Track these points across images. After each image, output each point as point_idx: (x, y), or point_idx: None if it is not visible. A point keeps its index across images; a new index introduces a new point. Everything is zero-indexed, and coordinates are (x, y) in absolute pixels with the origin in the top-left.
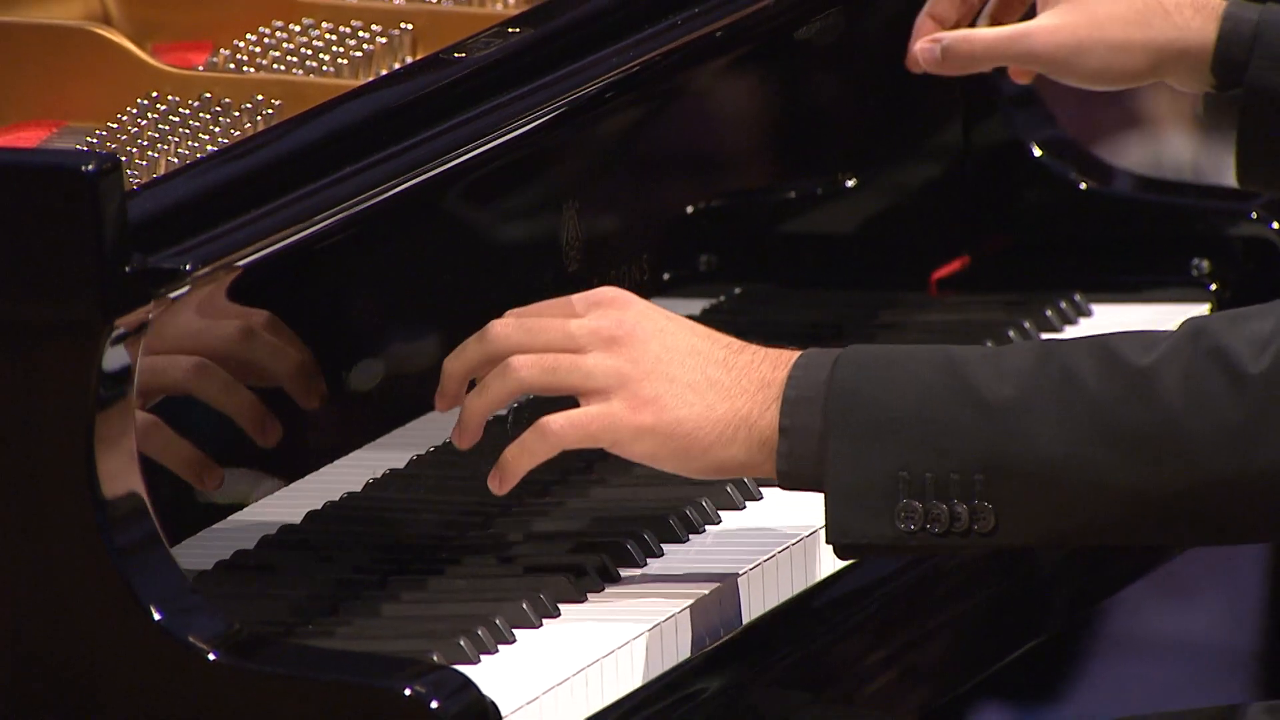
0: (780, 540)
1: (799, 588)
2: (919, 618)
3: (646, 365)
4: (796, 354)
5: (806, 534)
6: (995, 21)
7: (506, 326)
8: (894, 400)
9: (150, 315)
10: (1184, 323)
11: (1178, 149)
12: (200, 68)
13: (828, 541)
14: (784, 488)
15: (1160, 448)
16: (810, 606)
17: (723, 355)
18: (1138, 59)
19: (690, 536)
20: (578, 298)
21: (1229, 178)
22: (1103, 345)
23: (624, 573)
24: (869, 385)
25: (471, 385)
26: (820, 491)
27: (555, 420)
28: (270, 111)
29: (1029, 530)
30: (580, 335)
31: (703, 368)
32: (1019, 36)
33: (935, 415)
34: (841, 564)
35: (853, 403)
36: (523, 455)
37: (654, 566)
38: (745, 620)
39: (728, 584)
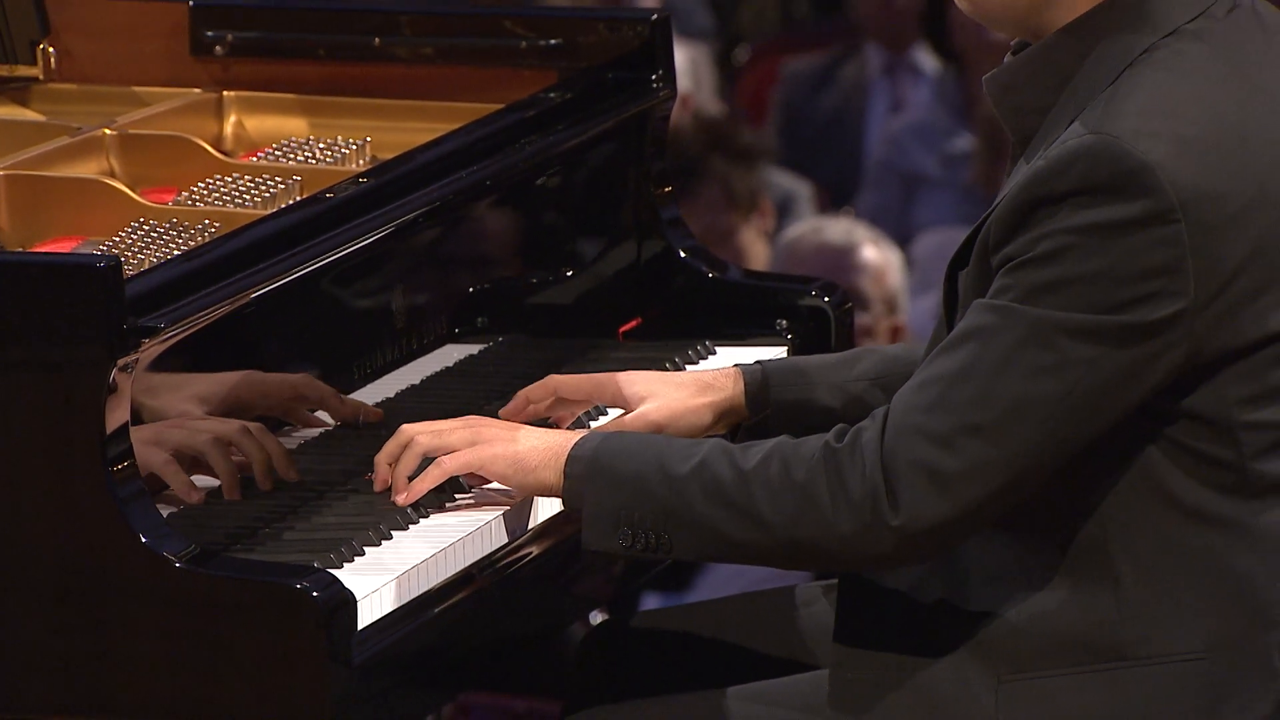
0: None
1: (546, 515)
2: None
3: (496, 429)
4: (584, 431)
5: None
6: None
7: (410, 426)
8: (626, 470)
9: (139, 356)
10: (775, 444)
11: (762, 255)
12: (170, 203)
13: (582, 547)
14: (566, 509)
15: (747, 521)
16: (555, 533)
17: (541, 429)
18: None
19: (474, 488)
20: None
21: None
22: (739, 467)
23: (431, 512)
24: (616, 459)
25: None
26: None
27: (446, 458)
28: (213, 231)
29: (694, 555)
30: (457, 424)
31: (529, 430)
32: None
33: (645, 484)
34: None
35: (602, 468)
36: (424, 481)
37: (460, 501)
38: (513, 542)
39: (496, 520)
